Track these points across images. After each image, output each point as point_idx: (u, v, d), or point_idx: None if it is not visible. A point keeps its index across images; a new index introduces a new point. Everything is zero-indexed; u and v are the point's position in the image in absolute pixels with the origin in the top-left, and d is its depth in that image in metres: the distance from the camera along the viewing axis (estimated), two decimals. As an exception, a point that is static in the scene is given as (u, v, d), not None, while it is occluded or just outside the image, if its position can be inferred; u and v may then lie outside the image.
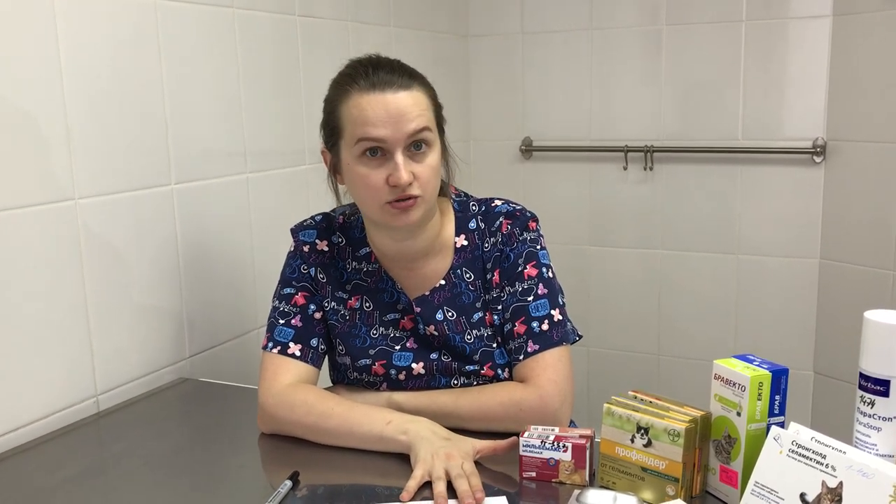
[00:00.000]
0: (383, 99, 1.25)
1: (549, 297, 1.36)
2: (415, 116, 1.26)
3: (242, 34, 1.81)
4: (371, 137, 1.25)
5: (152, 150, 1.59)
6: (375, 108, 1.25)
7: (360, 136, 1.26)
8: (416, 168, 1.27)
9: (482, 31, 2.85)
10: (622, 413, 1.10)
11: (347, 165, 1.30)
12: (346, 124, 1.28)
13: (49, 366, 1.41)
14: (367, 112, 1.25)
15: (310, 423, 1.29)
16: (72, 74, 1.41)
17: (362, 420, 1.27)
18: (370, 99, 1.25)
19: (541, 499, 1.13)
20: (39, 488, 1.20)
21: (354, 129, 1.26)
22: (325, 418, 1.28)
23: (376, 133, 1.25)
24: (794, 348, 2.60)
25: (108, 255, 1.50)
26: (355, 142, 1.27)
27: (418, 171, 1.27)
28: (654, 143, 2.67)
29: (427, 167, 1.28)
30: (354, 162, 1.28)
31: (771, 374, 1.03)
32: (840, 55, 2.40)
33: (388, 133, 1.25)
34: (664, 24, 2.61)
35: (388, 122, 1.24)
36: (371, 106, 1.25)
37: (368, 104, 1.25)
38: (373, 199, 1.29)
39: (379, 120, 1.24)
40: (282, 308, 1.40)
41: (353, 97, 1.27)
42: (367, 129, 1.25)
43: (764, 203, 2.58)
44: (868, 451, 1.00)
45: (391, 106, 1.25)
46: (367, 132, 1.25)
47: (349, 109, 1.27)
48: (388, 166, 1.26)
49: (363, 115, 1.25)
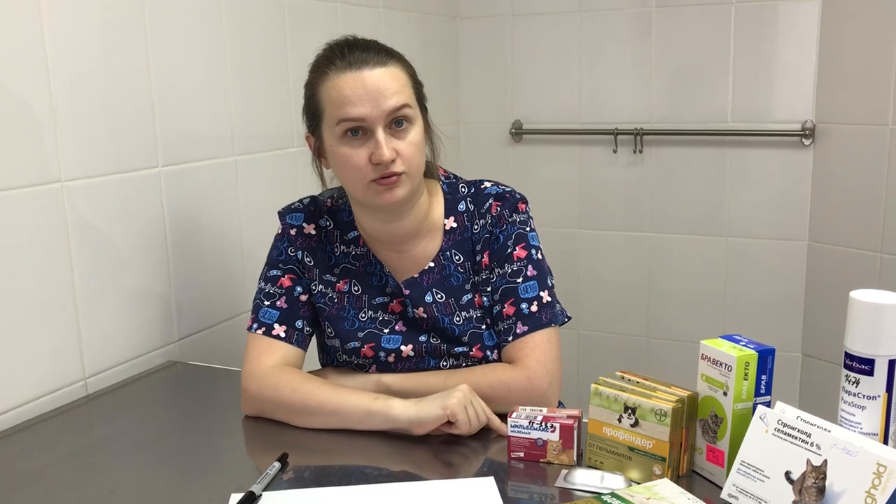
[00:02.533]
0: (360, 76, 1.25)
1: (539, 278, 1.36)
2: (393, 93, 1.25)
3: (230, 16, 1.79)
4: (351, 118, 1.25)
5: (139, 133, 1.58)
6: (353, 87, 1.24)
7: (341, 118, 1.25)
8: (398, 145, 1.27)
9: (472, 13, 2.84)
10: (609, 393, 1.10)
11: (330, 147, 1.30)
12: (325, 106, 1.28)
13: (37, 349, 1.40)
14: (344, 91, 1.25)
15: (295, 401, 1.29)
16: (58, 57, 1.40)
17: (349, 396, 1.28)
18: (347, 78, 1.25)
19: (529, 479, 1.13)
20: (27, 471, 1.20)
21: (334, 110, 1.26)
22: (310, 397, 1.28)
23: (356, 112, 1.24)
24: (782, 330, 2.62)
25: (95, 237, 1.50)
26: (336, 123, 1.26)
27: (400, 147, 1.27)
28: (643, 126, 2.67)
29: (409, 144, 1.28)
30: (336, 143, 1.28)
31: (757, 353, 1.03)
32: (829, 38, 2.40)
33: (368, 111, 1.24)
34: (654, 6, 2.60)
35: (367, 99, 1.24)
36: (348, 85, 1.25)
37: (346, 83, 1.25)
38: (357, 178, 1.28)
39: (357, 98, 1.24)
40: (267, 290, 1.40)
41: (331, 78, 1.26)
42: (346, 109, 1.25)
43: (753, 186, 2.59)
44: (852, 429, 1.01)
45: (368, 83, 1.24)
46: (347, 112, 1.25)
47: (328, 91, 1.27)
48: (370, 144, 1.26)
49: (341, 95, 1.25)
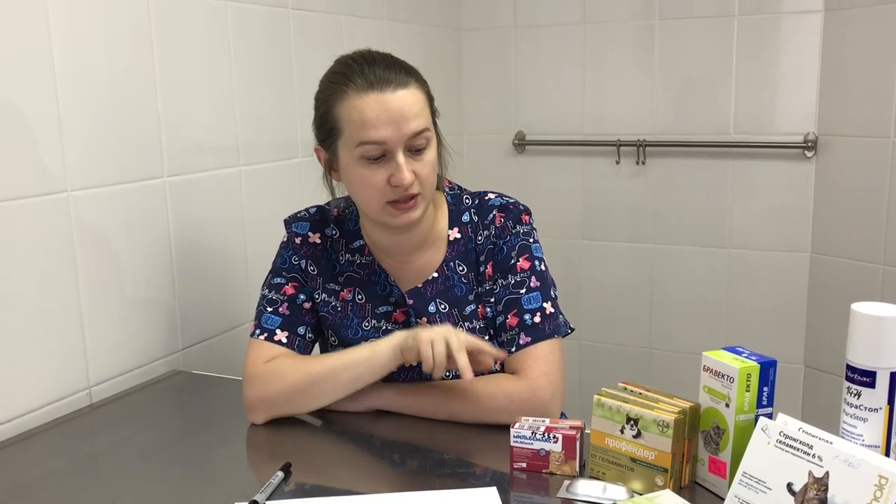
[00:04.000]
0: (382, 99, 1.24)
1: (542, 289, 1.36)
2: (414, 116, 1.26)
3: (235, 27, 1.81)
4: (373, 141, 1.25)
5: (145, 143, 1.59)
6: (376, 110, 1.24)
7: (362, 140, 1.25)
8: (416, 166, 1.27)
9: (475, 25, 2.85)
10: (612, 404, 1.10)
11: (347, 166, 1.30)
12: (344, 126, 1.27)
13: (42, 357, 1.41)
14: (367, 114, 1.24)
15: (300, 378, 1.30)
16: (64, 67, 1.41)
17: (350, 353, 1.31)
18: (369, 100, 1.25)
19: (531, 489, 1.13)
20: (31, 479, 1.20)
21: (355, 131, 1.26)
22: (313, 365, 1.31)
23: (377, 135, 1.24)
24: (784, 342, 2.62)
25: (100, 247, 1.50)
26: (356, 144, 1.26)
27: (418, 168, 1.28)
28: (646, 137, 2.68)
29: (427, 164, 1.29)
30: (354, 163, 1.28)
31: (759, 365, 1.04)
32: (832, 50, 2.41)
33: (389, 134, 1.24)
34: (657, 18, 2.62)
35: (389, 123, 1.24)
36: (370, 107, 1.24)
37: (368, 105, 1.24)
38: (374, 199, 1.29)
39: (380, 121, 1.24)
40: (270, 296, 1.41)
41: (351, 97, 1.26)
42: (367, 131, 1.24)
43: (755, 197, 2.60)
44: (854, 441, 1.01)
45: (391, 106, 1.24)
46: (368, 135, 1.25)
47: (348, 111, 1.26)
48: (390, 167, 1.26)
49: (363, 117, 1.25)
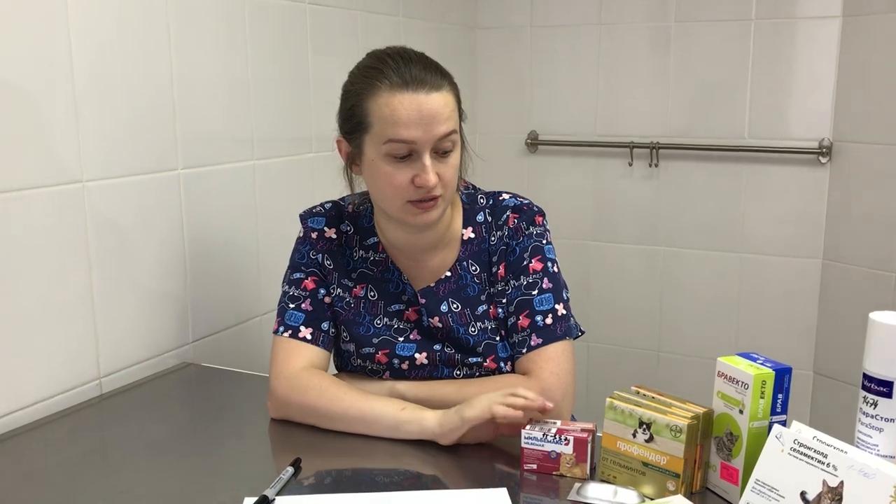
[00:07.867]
0: (416, 99, 1.24)
1: (554, 291, 1.36)
2: (445, 119, 1.25)
3: (252, 20, 1.80)
4: (402, 139, 1.24)
5: (160, 135, 1.59)
6: (409, 109, 1.23)
7: (391, 137, 1.25)
8: (441, 168, 1.27)
9: (490, 24, 2.85)
10: (625, 408, 1.10)
11: (371, 161, 1.29)
12: (374, 121, 1.26)
13: (53, 347, 1.41)
14: (399, 112, 1.24)
15: (321, 405, 1.30)
16: (81, 58, 1.41)
17: (374, 404, 1.28)
18: (402, 99, 1.24)
19: (541, 491, 1.13)
20: (41, 468, 1.21)
21: (385, 127, 1.25)
22: (336, 401, 1.29)
23: (408, 135, 1.24)
24: (794, 348, 2.61)
25: (114, 238, 1.51)
26: (384, 141, 1.25)
27: (442, 171, 1.27)
28: (659, 139, 2.67)
29: (451, 167, 1.29)
30: (380, 159, 1.27)
31: (774, 372, 1.03)
32: (848, 56, 2.40)
33: (419, 135, 1.24)
34: (673, 20, 2.61)
35: (420, 124, 1.24)
36: (404, 106, 1.24)
37: (401, 104, 1.24)
38: (395, 197, 1.28)
39: (411, 121, 1.23)
40: (292, 292, 1.41)
41: (384, 94, 1.25)
42: (398, 130, 1.24)
43: (768, 202, 2.59)
44: (869, 451, 1.01)
45: (424, 108, 1.24)
46: (399, 134, 1.24)
47: (379, 107, 1.25)
48: (415, 166, 1.26)
49: (395, 115, 1.24)
